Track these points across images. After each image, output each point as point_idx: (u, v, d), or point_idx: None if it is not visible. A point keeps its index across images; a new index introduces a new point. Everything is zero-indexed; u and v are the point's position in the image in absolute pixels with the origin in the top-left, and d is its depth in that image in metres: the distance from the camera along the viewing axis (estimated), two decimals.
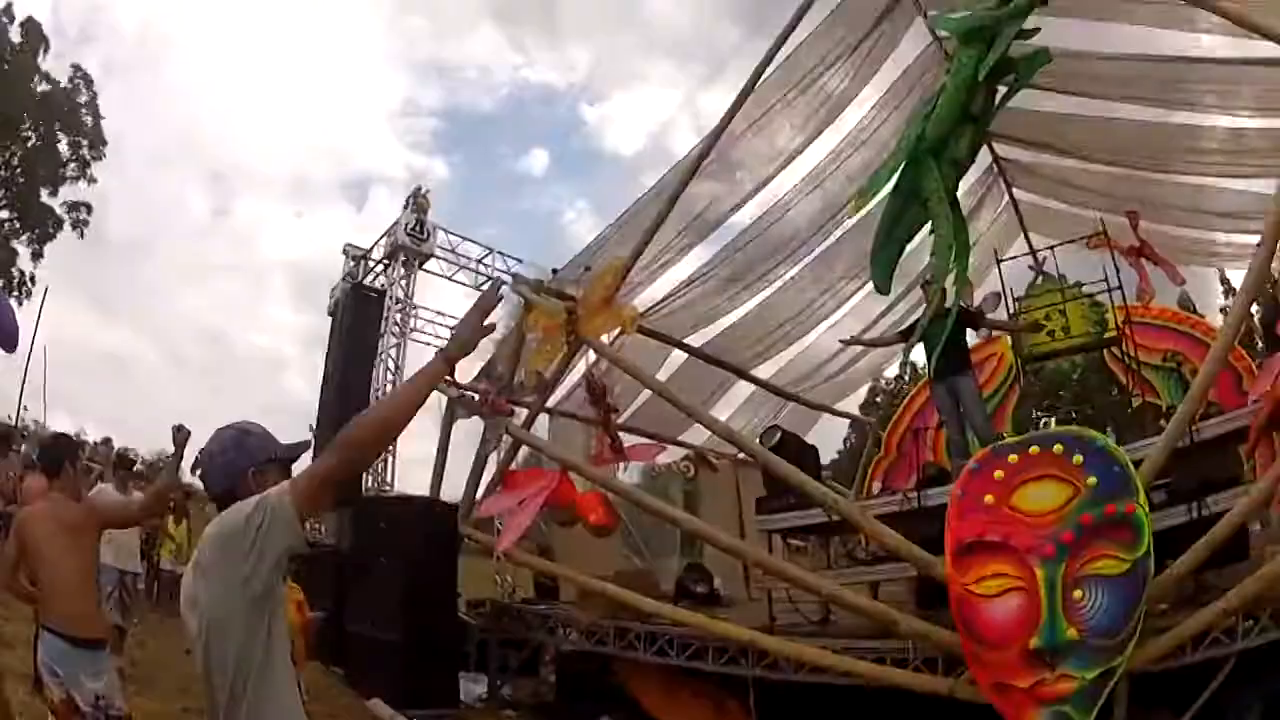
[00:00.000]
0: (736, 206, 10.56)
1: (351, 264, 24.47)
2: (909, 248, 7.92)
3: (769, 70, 8.84)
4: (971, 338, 11.18)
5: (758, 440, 9.55)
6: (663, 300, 11.06)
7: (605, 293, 8.76)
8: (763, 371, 14.39)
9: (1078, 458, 5.92)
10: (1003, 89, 7.00)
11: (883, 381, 39.12)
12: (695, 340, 12.47)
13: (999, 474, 6.13)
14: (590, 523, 8.77)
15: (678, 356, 12.71)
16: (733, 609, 10.63)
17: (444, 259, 25.61)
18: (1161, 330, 12.83)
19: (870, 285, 12.72)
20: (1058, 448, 6.05)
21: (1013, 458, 6.18)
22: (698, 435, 14.67)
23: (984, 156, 12.04)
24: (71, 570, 5.15)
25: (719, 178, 10.00)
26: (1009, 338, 12.79)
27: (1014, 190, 13.85)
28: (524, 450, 10.47)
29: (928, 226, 7.31)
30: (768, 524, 9.38)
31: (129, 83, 75.55)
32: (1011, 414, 14.52)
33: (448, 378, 2.80)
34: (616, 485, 8.99)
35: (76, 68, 39.04)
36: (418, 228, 23.73)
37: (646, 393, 12.06)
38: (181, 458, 5.29)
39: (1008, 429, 13.57)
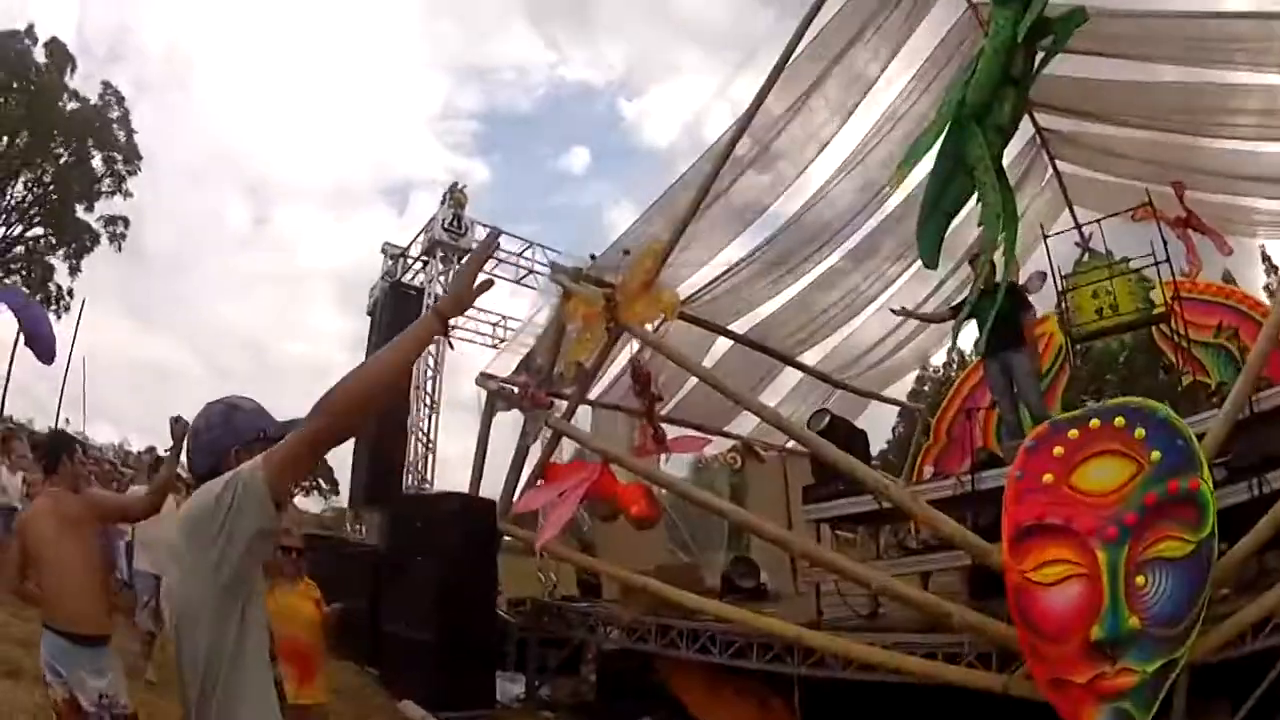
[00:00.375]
0: (777, 192, 10.36)
1: (390, 263, 24.00)
2: (956, 221, 7.67)
3: (800, 47, 8.50)
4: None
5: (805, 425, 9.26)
6: (705, 287, 10.81)
7: (645, 277, 8.44)
8: (808, 359, 14.09)
9: (1140, 431, 5.50)
10: (1041, 53, 6.76)
11: (930, 370, 38.78)
12: (738, 327, 12.18)
13: (1058, 451, 5.72)
14: (632, 515, 8.39)
15: (720, 346, 12.47)
16: (779, 603, 10.42)
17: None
18: (1210, 305, 12.41)
19: (915, 267, 12.86)
20: (1119, 421, 5.61)
21: (1073, 433, 5.74)
22: (743, 426, 14.57)
23: (1026, 127, 11.70)
24: (72, 565, 5.00)
25: (757, 164, 9.79)
26: (1057, 317, 12.22)
27: (1057, 162, 13.39)
28: (569, 445, 10.19)
29: (974, 198, 7.01)
30: (815, 513, 9.02)
31: (163, 99, 75.24)
32: (1061, 397, 14.02)
33: (489, 373, 2.52)
34: (660, 476, 8.67)
35: (107, 84, 39.78)
36: (455, 223, 23.03)
37: (691, 382, 12.01)
38: (180, 450, 5.01)
39: (1057, 412, 12.92)
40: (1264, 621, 5.45)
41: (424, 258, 22.99)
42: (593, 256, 9.84)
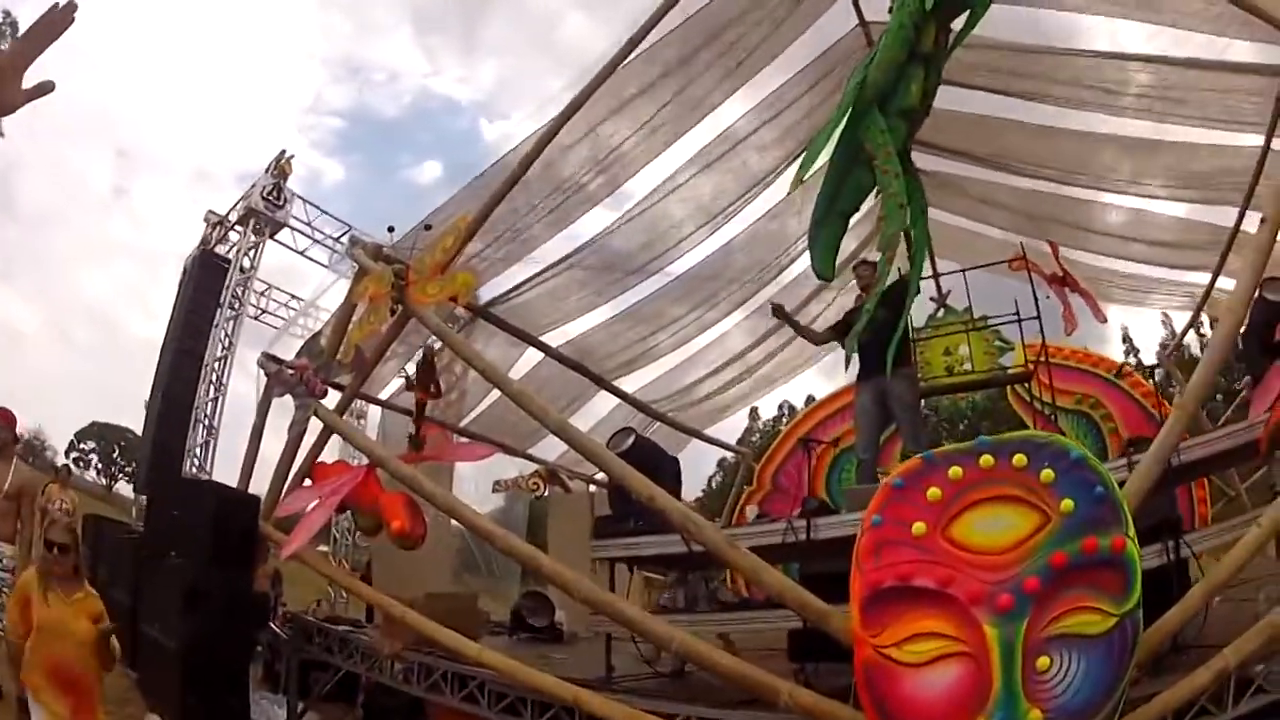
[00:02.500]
0: (601, 196, 9.50)
1: (209, 230, 22.43)
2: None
3: (633, 55, 7.63)
4: None
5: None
6: (516, 288, 9.80)
7: (444, 257, 7.08)
8: (627, 385, 12.99)
9: (1048, 473, 4.07)
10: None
11: (760, 422, 38.41)
12: (554, 341, 11.11)
13: (934, 493, 4.22)
14: (393, 531, 6.92)
15: (530, 360, 11.33)
16: (573, 648, 9.28)
17: (299, 231, 23.98)
18: (1073, 371, 12.03)
19: (756, 299, 11.74)
20: (1019, 459, 4.12)
21: (955, 471, 4.24)
22: (552, 451, 13.34)
23: None
24: None
25: (589, 166, 8.98)
26: None
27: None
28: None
29: (874, 193, 6.47)
30: (606, 550, 7.57)
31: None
32: (898, 455, 13.21)
33: (273, 354, 1.35)
34: (424, 487, 7.00)
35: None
36: (275, 193, 22.08)
37: (494, 396, 10.77)
38: None
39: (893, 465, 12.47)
40: (1189, 705, 4.41)
41: (238, 226, 21.78)
42: (390, 229, 8.62)
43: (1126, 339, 29.14)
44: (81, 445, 53.71)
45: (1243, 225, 9.70)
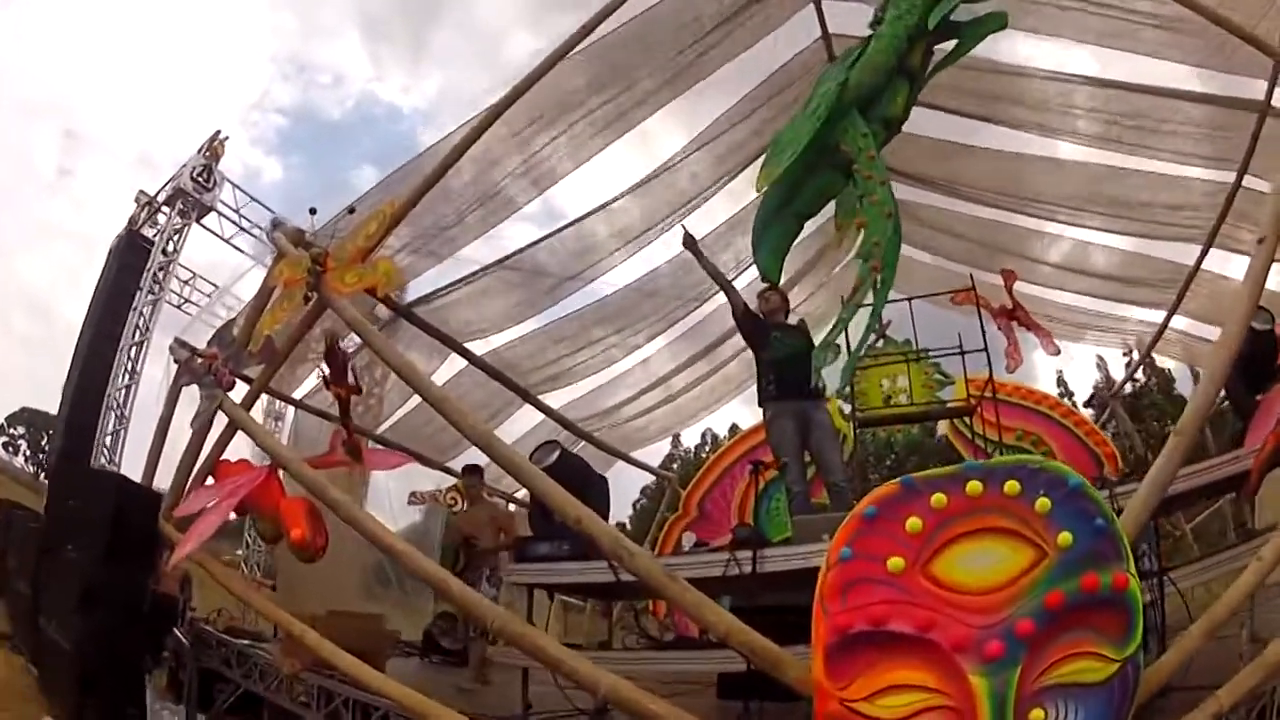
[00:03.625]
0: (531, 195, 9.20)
1: (138, 210, 21.61)
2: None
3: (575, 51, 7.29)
4: None
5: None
6: (440, 290, 9.42)
7: (366, 244, 6.47)
8: (554, 401, 12.54)
9: (1043, 502, 3.59)
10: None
11: (681, 449, 37.97)
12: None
13: (914, 524, 3.65)
14: (291, 539, 6.29)
15: (451, 368, 10.81)
16: (491, 675, 8.44)
17: (227, 217, 23.31)
18: (1015, 408, 12.03)
19: (685, 320, 11.59)
20: (1012, 486, 3.64)
21: (938, 499, 3.69)
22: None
23: None
24: None
25: (520, 172, 8.78)
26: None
27: None
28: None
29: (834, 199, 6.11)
30: (525, 575, 6.86)
31: None
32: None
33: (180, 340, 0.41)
34: (326, 493, 6.24)
35: None
36: (205, 175, 21.44)
37: (413, 403, 10.41)
38: None
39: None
40: None
41: (164, 207, 21.14)
42: (313, 210, 8.20)
43: (1061, 382, 29.28)
44: (11, 430, 52.64)
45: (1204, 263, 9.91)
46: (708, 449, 29.70)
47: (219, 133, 22.55)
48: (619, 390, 13.11)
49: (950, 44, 6.12)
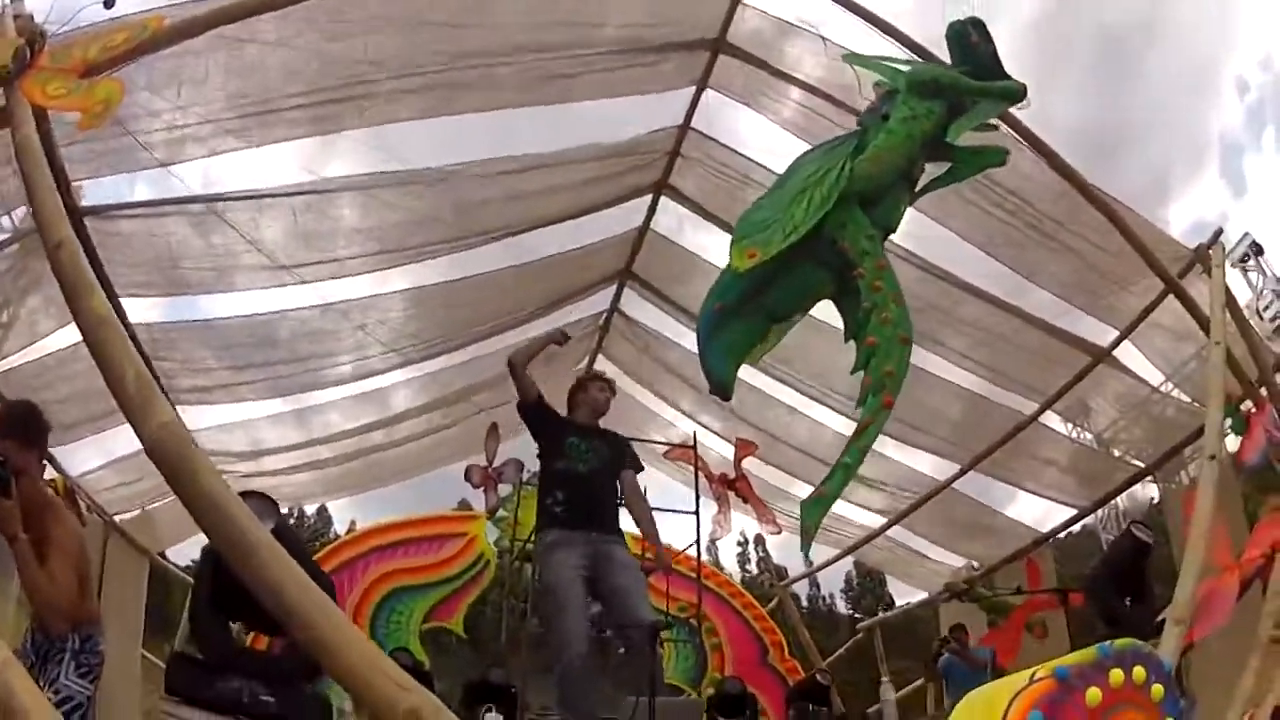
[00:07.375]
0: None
1: None
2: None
3: None
4: None
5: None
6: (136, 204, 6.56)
7: (99, 56, 4.12)
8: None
9: (1157, 689, 2.87)
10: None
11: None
12: None
13: (1094, 696, 2.90)
14: None
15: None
16: None
17: None
18: (686, 580, 10.75)
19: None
20: (1139, 673, 2.88)
21: (1093, 694, 2.88)
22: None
23: (601, 299, 10.20)
24: None
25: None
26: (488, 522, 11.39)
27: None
28: None
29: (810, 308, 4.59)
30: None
31: None
32: (467, 605, 12.45)
33: None
34: None
35: None
36: None
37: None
38: None
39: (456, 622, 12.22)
40: None
41: None
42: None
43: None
44: None
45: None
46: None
47: None
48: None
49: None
